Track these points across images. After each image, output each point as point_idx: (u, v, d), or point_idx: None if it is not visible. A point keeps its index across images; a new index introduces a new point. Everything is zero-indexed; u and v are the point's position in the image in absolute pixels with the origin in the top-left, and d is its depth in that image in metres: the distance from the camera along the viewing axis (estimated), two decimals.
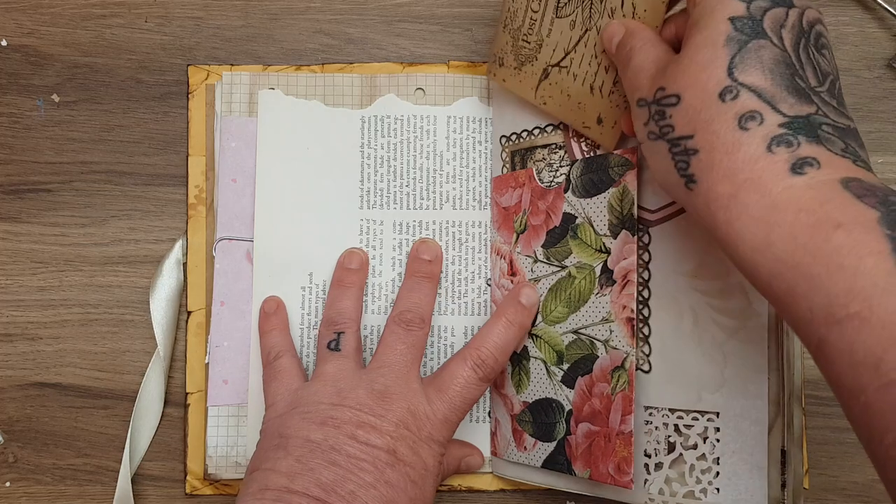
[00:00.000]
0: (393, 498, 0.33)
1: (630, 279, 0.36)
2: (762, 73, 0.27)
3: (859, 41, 0.44)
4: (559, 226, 0.39)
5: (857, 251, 0.23)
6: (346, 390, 0.36)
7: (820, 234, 0.24)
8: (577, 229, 0.39)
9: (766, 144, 0.26)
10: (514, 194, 0.42)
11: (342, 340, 0.39)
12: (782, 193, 0.26)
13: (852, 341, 0.23)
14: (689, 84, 0.28)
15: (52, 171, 0.44)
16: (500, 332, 0.39)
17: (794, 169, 0.26)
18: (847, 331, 0.23)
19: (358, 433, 0.34)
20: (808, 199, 0.25)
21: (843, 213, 0.24)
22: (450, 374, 0.37)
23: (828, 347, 0.24)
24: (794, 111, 0.27)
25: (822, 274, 0.24)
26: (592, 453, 0.37)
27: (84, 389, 0.43)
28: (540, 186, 0.40)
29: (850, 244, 0.23)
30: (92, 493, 0.43)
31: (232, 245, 0.42)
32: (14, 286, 0.44)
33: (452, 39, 0.45)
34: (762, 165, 0.26)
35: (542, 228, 0.40)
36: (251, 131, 0.43)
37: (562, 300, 0.39)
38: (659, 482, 0.37)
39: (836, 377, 0.24)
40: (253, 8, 0.45)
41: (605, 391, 0.37)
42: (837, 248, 0.24)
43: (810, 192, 0.25)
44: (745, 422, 0.35)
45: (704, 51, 0.28)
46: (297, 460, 0.33)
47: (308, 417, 0.35)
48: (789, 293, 0.25)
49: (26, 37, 0.44)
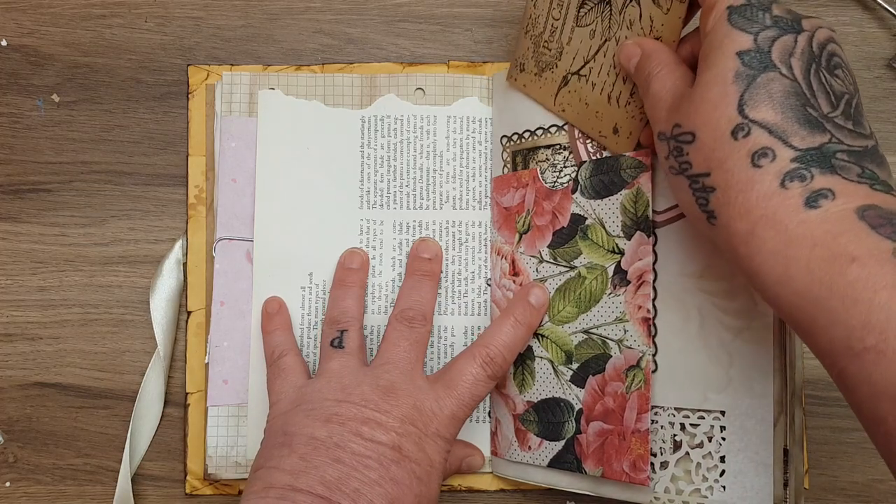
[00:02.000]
0: (398, 495, 0.33)
1: (645, 279, 0.37)
2: (772, 107, 0.27)
3: (859, 41, 0.44)
4: (567, 227, 0.39)
5: (872, 285, 0.24)
6: (350, 386, 0.36)
7: (835, 268, 0.25)
8: (588, 230, 0.39)
9: (780, 180, 0.27)
10: (515, 194, 0.42)
11: (345, 338, 0.39)
12: (797, 228, 0.26)
13: (871, 373, 0.24)
14: (702, 123, 0.29)
15: (52, 171, 0.44)
16: (508, 331, 0.39)
17: (808, 203, 0.26)
18: (865, 363, 0.24)
19: (363, 430, 0.34)
20: (823, 233, 0.25)
21: (858, 246, 0.25)
22: (458, 371, 0.37)
23: (848, 378, 0.25)
24: (806, 143, 0.27)
25: (839, 308, 0.24)
26: (605, 451, 0.37)
27: (84, 389, 0.43)
28: (545, 187, 0.40)
29: (865, 277, 0.24)
30: (92, 493, 0.43)
31: (232, 245, 0.42)
32: (14, 286, 0.44)
33: (452, 39, 0.45)
34: (776, 202, 0.27)
35: (547, 229, 0.40)
36: (251, 131, 0.43)
37: (570, 300, 0.39)
38: (665, 480, 0.37)
39: (858, 406, 0.25)
40: (253, 8, 0.45)
41: (618, 390, 0.37)
42: (852, 282, 0.24)
43: (825, 226, 0.26)
44: (751, 420, 0.35)
45: (715, 89, 0.28)
46: (302, 458, 0.33)
47: (312, 415, 0.35)
48: (810, 325, 0.26)
49: (26, 37, 0.44)
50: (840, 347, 0.24)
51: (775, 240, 0.26)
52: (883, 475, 0.43)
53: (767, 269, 0.27)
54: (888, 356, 0.23)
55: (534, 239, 0.41)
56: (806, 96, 0.28)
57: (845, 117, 0.28)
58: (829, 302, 0.25)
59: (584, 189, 0.39)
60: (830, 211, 0.26)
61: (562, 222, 0.40)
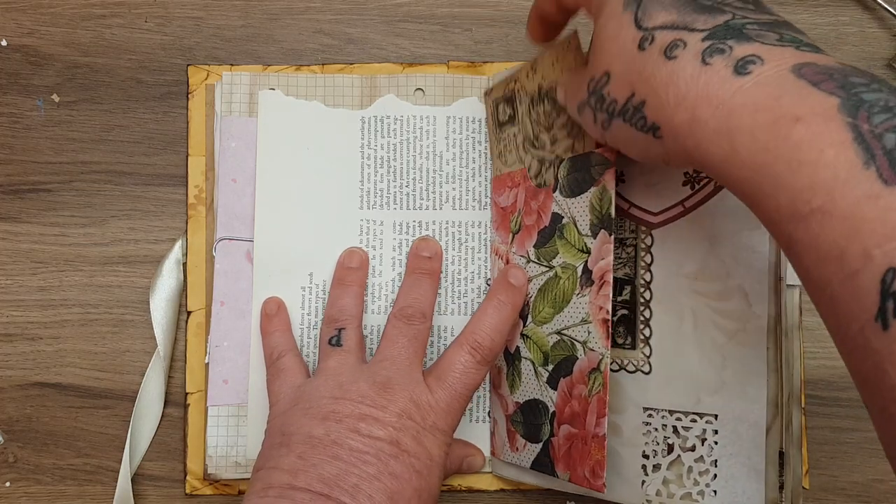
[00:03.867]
0: (398, 489, 0.33)
1: (606, 280, 0.36)
2: (666, 10, 0.27)
3: (859, 41, 0.44)
4: (548, 226, 0.39)
5: (818, 144, 0.22)
6: (347, 383, 0.36)
7: (780, 132, 0.23)
8: (564, 229, 0.38)
9: (700, 60, 0.26)
10: (510, 194, 0.42)
11: (343, 336, 0.39)
12: (735, 98, 0.25)
13: (817, 236, 0.22)
14: (610, 59, 0.29)
15: (52, 171, 0.44)
16: (492, 314, 0.39)
17: (737, 70, 0.25)
18: (811, 226, 0.22)
19: (360, 426, 0.34)
20: (763, 97, 0.24)
21: (801, 105, 0.23)
22: (448, 362, 0.37)
23: (795, 244, 0.23)
24: (711, 24, 0.27)
25: (784, 172, 0.23)
26: (572, 456, 0.37)
27: (84, 389, 0.43)
28: (533, 186, 0.40)
29: (810, 137, 0.23)
30: (92, 493, 0.43)
31: (232, 245, 0.42)
32: (14, 286, 0.44)
33: (452, 39, 0.45)
34: (705, 79, 0.26)
35: (534, 228, 0.40)
36: (251, 131, 0.43)
37: (548, 301, 0.39)
38: (657, 483, 0.37)
39: (805, 273, 0.23)
40: (253, 8, 0.45)
41: (583, 393, 0.37)
42: (797, 143, 0.23)
43: (763, 90, 0.24)
44: (743, 425, 0.35)
45: (610, 23, 0.29)
46: (300, 457, 0.33)
47: (310, 413, 0.35)
48: (757, 195, 0.24)
49: (26, 37, 0.44)
50: (786, 213, 0.23)
51: (716, 117, 0.25)
52: (883, 475, 0.43)
53: (714, 149, 0.25)
54: (834, 216, 0.22)
55: (523, 239, 0.41)
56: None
57: (743, 2, 0.27)
58: (775, 167, 0.23)
59: (563, 187, 0.39)
60: (764, 74, 0.24)
61: (545, 221, 0.40)
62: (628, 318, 0.38)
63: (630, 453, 0.38)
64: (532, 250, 0.40)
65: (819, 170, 0.22)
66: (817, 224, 0.22)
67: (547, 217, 0.39)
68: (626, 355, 0.38)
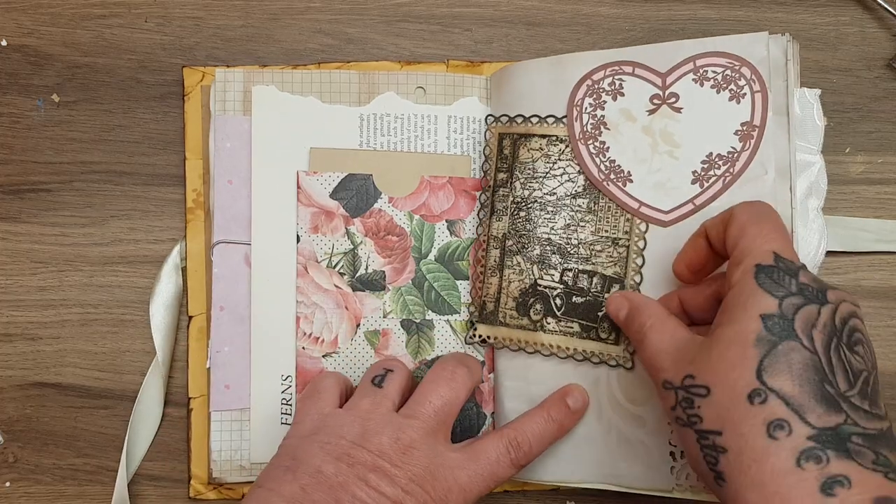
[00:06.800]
0: None
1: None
2: (790, 379, 0.27)
3: (859, 41, 0.44)
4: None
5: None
6: (370, 432, 0.35)
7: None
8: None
9: (795, 458, 0.26)
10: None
11: (388, 378, 0.38)
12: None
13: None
14: (718, 380, 0.29)
15: (52, 171, 0.44)
16: (539, 423, 0.38)
17: (824, 489, 0.26)
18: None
19: (370, 477, 0.33)
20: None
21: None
22: (483, 447, 0.37)
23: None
24: (822, 422, 0.27)
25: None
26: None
27: (84, 389, 0.43)
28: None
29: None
30: (92, 493, 0.43)
31: (230, 248, 0.42)
32: (14, 286, 0.44)
33: (452, 39, 0.45)
34: (792, 482, 0.26)
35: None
36: (246, 130, 0.42)
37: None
38: (686, 468, 0.38)
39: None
40: (253, 8, 0.45)
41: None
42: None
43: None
44: None
45: (734, 348, 0.28)
46: (302, 489, 0.33)
47: (326, 448, 0.34)
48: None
49: (26, 37, 0.44)
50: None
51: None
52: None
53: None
54: None
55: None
56: (824, 371, 0.28)
57: (861, 397, 0.28)
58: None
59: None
60: (846, 502, 0.25)
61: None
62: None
63: (656, 442, 0.38)
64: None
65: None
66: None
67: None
68: (609, 350, 0.39)
